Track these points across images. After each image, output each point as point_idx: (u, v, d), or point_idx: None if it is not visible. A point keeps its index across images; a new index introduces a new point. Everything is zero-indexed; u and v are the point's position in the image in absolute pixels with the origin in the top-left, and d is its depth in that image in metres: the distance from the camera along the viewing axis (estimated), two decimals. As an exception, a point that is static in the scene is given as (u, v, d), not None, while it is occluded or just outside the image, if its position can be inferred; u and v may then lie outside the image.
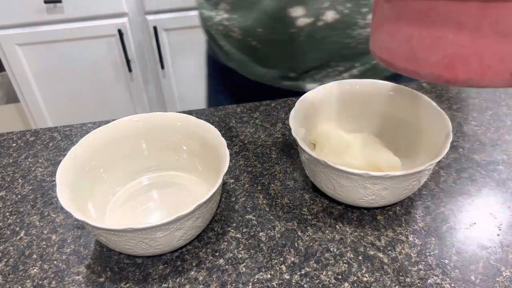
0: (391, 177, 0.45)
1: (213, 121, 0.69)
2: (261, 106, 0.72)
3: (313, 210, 0.53)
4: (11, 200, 0.57)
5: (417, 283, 0.45)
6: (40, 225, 0.53)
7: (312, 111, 0.58)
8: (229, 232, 0.51)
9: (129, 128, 0.55)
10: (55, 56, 1.39)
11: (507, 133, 0.65)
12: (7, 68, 1.39)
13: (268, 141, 0.65)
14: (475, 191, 0.55)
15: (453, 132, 0.64)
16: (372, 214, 0.53)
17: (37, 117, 1.52)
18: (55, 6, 1.31)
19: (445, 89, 0.75)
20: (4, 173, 0.62)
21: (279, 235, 0.51)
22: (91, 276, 0.47)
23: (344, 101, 0.60)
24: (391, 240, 0.49)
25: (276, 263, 0.47)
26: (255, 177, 0.59)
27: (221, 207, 0.55)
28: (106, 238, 0.43)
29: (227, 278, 0.46)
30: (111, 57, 1.41)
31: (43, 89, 1.45)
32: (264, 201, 0.55)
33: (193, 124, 0.54)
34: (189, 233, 0.45)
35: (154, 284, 0.46)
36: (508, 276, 0.45)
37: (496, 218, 0.52)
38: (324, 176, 0.49)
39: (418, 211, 0.53)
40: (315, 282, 0.45)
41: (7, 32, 1.33)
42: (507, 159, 0.60)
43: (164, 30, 1.38)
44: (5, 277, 0.47)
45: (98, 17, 1.35)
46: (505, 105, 0.70)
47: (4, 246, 0.51)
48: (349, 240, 0.50)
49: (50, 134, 0.69)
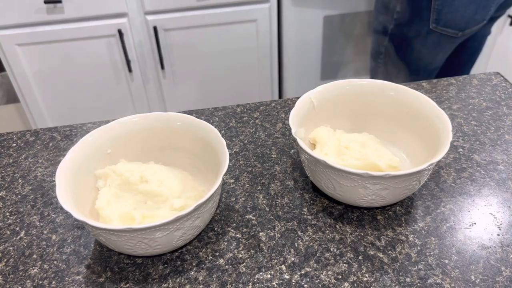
0: (391, 177, 0.45)
1: (213, 121, 0.69)
2: (261, 106, 0.72)
3: (313, 210, 0.53)
4: (11, 200, 0.57)
5: (417, 283, 0.45)
6: (40, 225, 0.53)
7: (312, 111, 0.58)
8: (229, 232, 0.51)
9: (129, 128, 0.55)
10: (55, 56, 1.39)
11: (507, 133, 0.64)
12: (7, 68, 1.39)
13: (268, 141, 0.65)
14: (475, 191, 0.55)
15: (453, 132, 0.64)
16: (372, 214, 0.53)
17: (37, 117, 1.52)
18: (55, 6, 1.31)
19: (445, 89, 0.75)
20: (4, 173, 0.62)
21: (279, 235, 0.51)
22: (91, 276, 0.47)
23: (344, 101, 0.60)
24: (391, 240, 0.49)
25: (276, 263, 0.47)
26: (255, 177, 0.59)
27: (221, 207, 0.54)
28: (105, 238, 0.43)
29: (227, 278, 0.46)
30: (111, 57, 1.41)
31: (43, 89, 1.45)
32: (264, 201, 0.55)
33: (193, 124, 0.54)
34: (188, 233, 0.45)
35: (154, 284, 0.46)
36: (508, 276, 0.45)
37: (496, 218, 0.52)
38: (324, 176, 0.49)
39: (418, 211, 0.53)
40: (315, 282, 0.45)
41: (7, 32, 1.33)
42: (507, 159, 0.60)
43: (164, 30, 1.38)
44: (5, 277, 0.47)
45: (98, 17, 1.35)
46: (505, 105, 0.70)
47: (4, 246, 0.51)
48: (349, 240, 0.50)
49: (50, 134, 0.68)
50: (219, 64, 1.50)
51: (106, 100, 1.53)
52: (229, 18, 1.40)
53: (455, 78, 0.78)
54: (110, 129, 0.54)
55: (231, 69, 1.52)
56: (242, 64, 1.51)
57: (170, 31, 1.41)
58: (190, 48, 1.45)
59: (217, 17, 1.39)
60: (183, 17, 1.39)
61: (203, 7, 1.38)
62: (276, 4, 1.41)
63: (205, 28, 1.41)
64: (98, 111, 1.54)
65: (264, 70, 1.55)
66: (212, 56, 1.48)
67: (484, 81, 0.77)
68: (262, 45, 1.48)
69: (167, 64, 1.48)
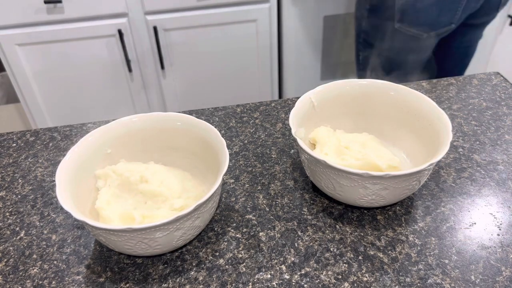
0: (391, 177, 0.45)
1: (213, 121, 0.69)
2: (261, 106, 0.72)
3: (313, 210, 0.53)
4: (11, 200, 0.57)
5: (417, 283, 0.45)
6: (40, 225, 0.53)
7: (312, 111, 0.58)
8: (229, 232, 0.51)
9: (129, 128, 0.55)
10: (55, 56, 1.39)
11: (507, 133, 0.64)
12: (7, 68, 1.39)
13: (268, 141, 0.65)
14: (475, 191, 0.55)
15: (453, 132, 0.64)
16: (372, 214, 0.53)
17: (37, 117, 1.52)
18: (55, 6, 1.31)
19: (445, 89, 0.75)
20: (4, 173, 0.62)
21: (279, 235, 0.51)
22: (91, 276, 0.47)
23: (344, 101, 0.60)
24: (391, 240, 0.49)
25: (276, 263, 0.47)
26: (255, 177, 0.59)
27: (221, 207, 0.54)
28: (105, 238, 0.43)
29: (227, 278, 0.46)
30: (111, 57, 1.41)
31: (43, 89, 1.45)
32: (264, 201, 0.55)
33: (193, 124, 0.54)
34: (188, 233, 0.45)
35: (154, 284, 0.46)
36: (508, 276, 0.45)
37: (496, 218, 0.52)
38: (324, 176, 0.49)
39: (418, 211, 0.53)
40: (315, 282, 0.45)
41: (7, 32, 1.33)
42: (507, 159, 0.60)
43: (164, 30, 1.38)
44: (5, 277, 0.47)
45: (98, 17, 1.35)
46: (505, 105, 0.70)
47: (4, 246, 0.51)
48: (349, 240, 0.50)
49: (50, 134, 0.68)
50: (219, 64, 1.50)
51: (106, 100, 1.53)
52: (229, 18, 1.40)
53: (455, 78, 0.78)
54: (110, 129, 0.54)
55: (231, 69, 1.52)
56: (242, 64, 1.51)
57: (170, 31, 1.41)
58: (190, 48, 1.45)
59: (217, 17, 1.39)
60: (183, 17, 1.39)
61: (203, 7, 1.38)
62: (276, 4, 1.41)
63: (205, 28, 1.41)
64: (98, 111, 1.54)
65: (264, 70, 1.55)
66: (212, 56, 1.48)
67: (484, 81, 0.77)
68: (262, 45, 1.48)
69: (167, 64, 1.48)
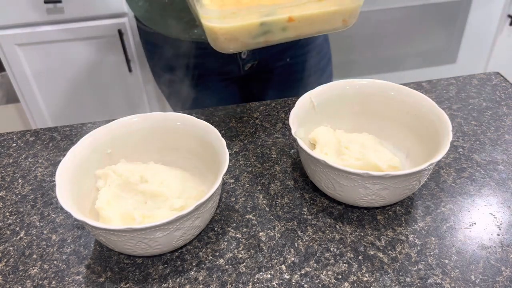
0: (391, 177, 0.45)
1: (213, 121, 0.69)
2: (261, 106, 0.72)
3: (313, 210, 0.53)
4: (11, 200, 0.57)
5: (417, 283, 0.45)
6: (40, 225, 0.53)
7: (312, 111, 0.58)
8: (229, 232, 0.51)
9: (129, 128, 0.55)
10: (55, 56, 1.39)
11: (507, 133, 0.64)
12: (7, 68, 1.39)
13: (268, 141, 0.65)
14: (475, 191, 0.55)
15: (453, 132, 0.64)
16: (372, 214, 0.53)
17: (37, 117, 1.52)
18: (55, 6, 1.31)
19: (445, 89, 0.75)
20: (4, 173, 0.62)
21: (279, 235, 0.51)
22: (91, 276, 0.47)
23: (344, 101, 0.60)
24: (391, 240, 0.49)
25: (276, 263, 0.47)
26: (255, 177, 0.59)
27: (221, 207, 0.54)
28: (105, 238, 0.43)
29: (227, 278, 0.46)
30: (111, 57, 1.41)
31: (43, 89, 1.45)
32: (264, 201, 0.55)
33: (193, 124, 0.54)
34: (188, 233, 0.45)
35: (154, 284, 0.46)
36: (508, 276, 0.45)
37: (496, 218, 0.52)
38: (324, 176, 0.49)
39: (418, 211, 0.53)
40: (315, 282, 0.45)
41: (7, 32, 1.33)
42: (507, 159, 0.60)
43: (164, 30, 1.39)
44: (5, 277, 0.47)
45: (98, 17, 1.35)
46: (505, 105, 0.70)
47: (4, 246, 0.51)
48: (349, 240, 0.50)
49: (50, 134, 0.68)
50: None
51: (106, 100, 1.53)
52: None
53: (455, 78, 0.78)
54: (110, 129, 0.54)
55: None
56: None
57: (170, 31, 1.41)
58: (190, 48, 1.45)
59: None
60: (183, 17, 1.39)
61: (203, 7, 1.37)
62: (276, 4, 1.41)
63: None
64: (98, 111, 1.54)
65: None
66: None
67: (484, 81, 0.77)
68: (262, 45, 1.47)
69: (167, 64, 1.48)
